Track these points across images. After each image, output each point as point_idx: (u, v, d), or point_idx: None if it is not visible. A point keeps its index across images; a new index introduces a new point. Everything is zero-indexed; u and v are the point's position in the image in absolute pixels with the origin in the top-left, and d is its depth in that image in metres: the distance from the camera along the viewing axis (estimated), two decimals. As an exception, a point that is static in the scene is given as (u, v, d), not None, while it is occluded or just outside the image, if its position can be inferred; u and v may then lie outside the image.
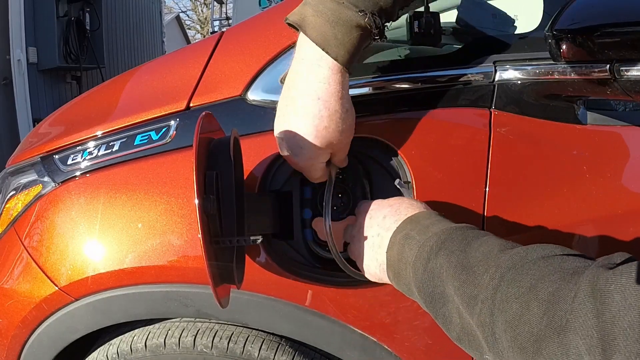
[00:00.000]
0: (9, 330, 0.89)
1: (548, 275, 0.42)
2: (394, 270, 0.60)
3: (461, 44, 0.84)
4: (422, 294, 0.55)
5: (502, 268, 0.46)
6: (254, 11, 4.42)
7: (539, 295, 0.41)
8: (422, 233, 0.57)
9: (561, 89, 0.76)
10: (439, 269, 0.53)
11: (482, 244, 0.52)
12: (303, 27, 0.61)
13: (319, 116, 0.62)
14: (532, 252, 0.47)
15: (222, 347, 0.82)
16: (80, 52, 5.17)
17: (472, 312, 0.47)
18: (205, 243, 0.57)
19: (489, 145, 0.75)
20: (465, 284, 0.49)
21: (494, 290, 0.45)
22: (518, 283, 0.43)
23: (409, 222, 0.61)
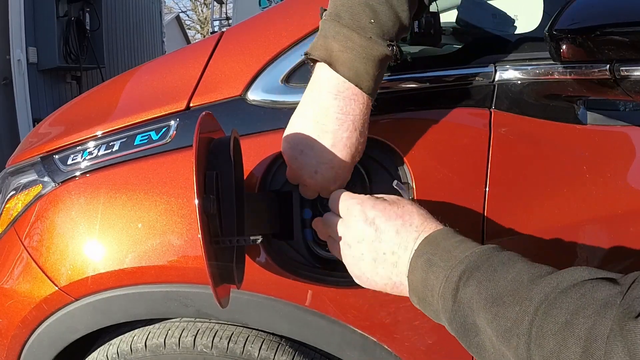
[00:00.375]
0: (9, 330, 0.89)
1: (582, 309, 0.42)
2: (418, 295, 0.58)
3: (461, 44, 0.84)
4: (454, 325, 0.54)
5: (535, 301, 0.46)
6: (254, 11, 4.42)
7: (575, 332, 0.41)
8: (446, 260, 0.55)
9: (561, 89, 0.76)
10: (469, 299, 0.51)
11: (509, 271, 0.51)
12: (332, 64, 0.62)
13: (355, 145, 0.66)
14: (562, 280, 0.46)
15: (222, 347, 0.82)
16: (80, 52, 5.17)
17: (509, 345, 0.47)
18: (205, 243, 0.57)
19: (489, 145, 0.75)
20: (497, 317, 0.48)
21: (529, 324, 0.45)
22: (553, 318, 0.43)
23: (427, 244, 0.58)
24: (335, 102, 0.63)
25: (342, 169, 0.67)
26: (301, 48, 0.79)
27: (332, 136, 0.65)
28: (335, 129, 0.64)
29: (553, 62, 0.72)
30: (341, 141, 0.65)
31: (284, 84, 0.79)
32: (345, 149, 0.65)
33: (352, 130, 0.64)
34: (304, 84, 0.78)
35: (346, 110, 0.64)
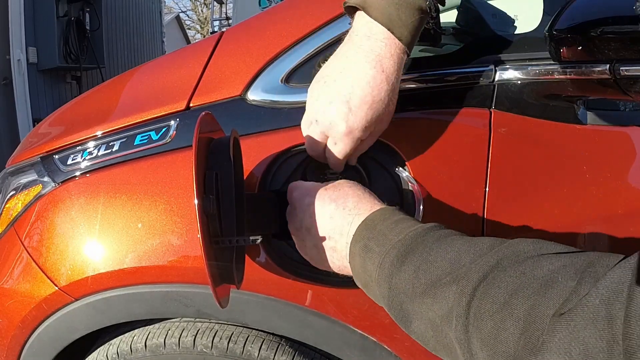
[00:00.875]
0: (9, 330, 0.89)
1: (522, 288, 0.41)
2: (361, 281, 0.59)
3: (461, 44, 0.84)
4: (392, 311, 0.54)
5: (473, 281, 0.44)
6: (254, 11, 4.42)
7: (513, 313, 0.40)
8: (381, 244, 0.55)
9: (561, 89, 0.76)
10: (404, 285, 0.50)
11: (448, 250, 0.49)
12: (366, 9, 0.62)
13: (379, 87, 0.62)
14: (503, 258, 0.45)
15: (222, 347, 0.82)
16: (80, 52, 5.17)
17: (450, 327, 0.46)
18: (205, 243, 0.57)
19: (489, 145, 0.75)
20: (437, 299, 0.47)
21: (467, 305, 0.43)
22: (492, 298, 0.42)
23: (364, 228, 0.58)
24: (367, 42, 0.62)
25: (357, 109, 0.62)
26: (301, 48, 0.79)
27: (356, 70, 0.62)
28: (362, 65, 0.62)
29: (553, 62, 0.72)
30: (364, 78, 0.62)
31: (284, 84, 0.79)
32: (367, 87, 0.61)
33: (380, 71, 0.62)
34: (304, 84, 0.78)
35: (376, 50, 0.62)
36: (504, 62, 0.76)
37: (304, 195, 0.65)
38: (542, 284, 0.40)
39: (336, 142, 0.65)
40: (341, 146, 0.65)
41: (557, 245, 0.45)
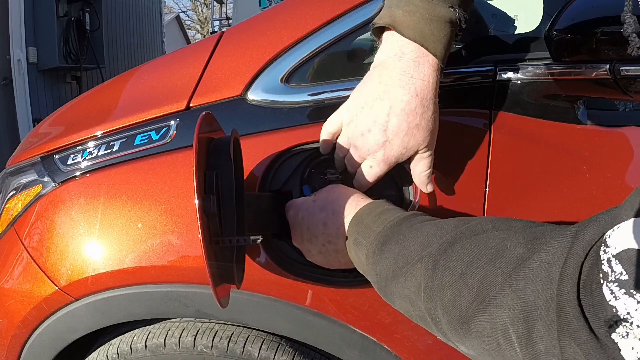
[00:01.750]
0: (9, 330, 0.89)
1: (476, 259, 0.45)
2: (361, 270, 0.64)
3: (461, 44, 0.84)
4: (380, 292, 0.59)
5: (433, 256, 0.49)
6: (254, 11, 4.42)
7: (468, 283, 0.44)
8: (366, 236, 0.60)
9: (561, 89, 0.76)
10: (386, 270, 0.56)
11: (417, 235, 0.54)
12: (397, 27, 0.62)
13: (414, 112, 0.62)
14: (461, 233, 0.49)
15: (222, 347, 0.82)
16: (80, 52, 5.17)
17: (419, 298, 0.51)
18: (205, 243, 0.57)
19: (489, 145, 0.75)
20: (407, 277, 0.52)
21: (431, 279, 0.48)
22: (450, 270, 0.47)
23: (354, 223, 0.63)
24: (399, 64, 0.62)
25: (394, 135, 0.63)
26: (301, 48, 0.79)
27: (392, 97, 0.63)
28: (396, 92, 0.62)
29: (553, 62, 0.72)
30: (399, 105, 0.62)
31: (284, 83, 0.79)
32: (403, 114, 0.62)
33: (414, 96, 0.62)
34: (304, 84, 0.79)
35: (410, 73, 0.62)
36: (504, 62, 0.76)
37: (297, 212, 0.70)
38: (494, 253, 0.44)
39: (372, 166, 0.68)
40: (376, 170, 0.68)
41: (518, 220, 0.48)
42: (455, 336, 0.47)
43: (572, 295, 0.34)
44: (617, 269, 0.31)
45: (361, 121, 0.65)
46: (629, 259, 0.31)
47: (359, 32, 0.79)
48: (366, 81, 0.66)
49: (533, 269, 0.38)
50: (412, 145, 0.64)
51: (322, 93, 0.78)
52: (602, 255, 0.32)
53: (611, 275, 0.31)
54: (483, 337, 0.43)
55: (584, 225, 0.37)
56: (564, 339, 0.34)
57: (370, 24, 0.66)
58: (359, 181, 0.70)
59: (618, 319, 0.30)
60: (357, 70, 0.78)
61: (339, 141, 0.70)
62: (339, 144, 0.70)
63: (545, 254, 0.38)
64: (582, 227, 0.37)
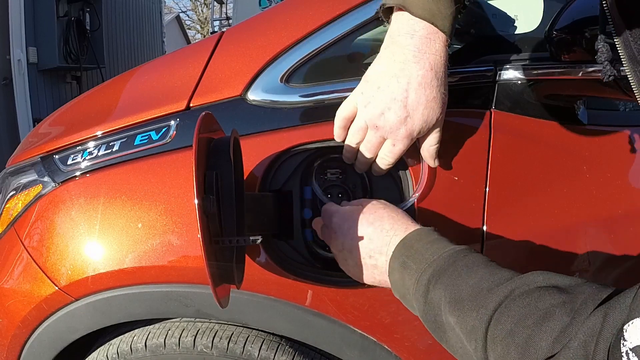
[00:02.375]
0: (9, 330, 0.89)
1: (524, 318, 0.48)
2: (399, 293, 0.65)
3: (461, 44, 0.84)
4: (426, 322, 0.60)
5: (489, 309, 0.51)
6: (254, 11, 4.42)
7: (515, 340, 0.47)
8: (418, 262, 0.61)
9: (561, 89, 0.76)
10: (438, 300, 0.57)
11: (471, 276, 0.56)
12: (407, 7, 0.64)
13: (431, 85, 0.64)
14: (515, 288, 0.51)
15: (222, 347, 0.82)
16: (80, 52, 5.17)
17: (470, 345, 0.53)
18: (205, 243, 0.57)
19: (489, 145, 0.75)
20: (459, 320, 0.54)
21: (485, 330, 0.51)
22: (502, 325, 0.49)
23: (402, 247, 0.64)
24: (412, 41, 0.64)
25: (414, 109, 0.65)
26: (301, 48, 0.79)
27: (407, 74, 0.64)
28: (411, 67, 0.64)
29: (553, 62, 0.72)
30: (416, 79, 0.64)
31: (284, 83, 0.79)
32: (420, 88, 0.64)
33: (429, 70, 0.64)
34: (304, 84, 0.79)
35: (422, 48, 0.64)
36: (504, 62, 0.76)
37: (344, 221, 0.69)
38: (541, 316, 0.47)
39: (395, 144, 0.68)
40: (399, 147, 0.68)
41: (566, 278, 0.51)
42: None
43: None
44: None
45: (379, 100, 0.66)
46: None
47: (359, 32, 0.79)
48: (379, 62, 0.67)
49: (573, 348, 0.42)
50: (431, 118, 0.66)
51: (322, 93, 0.78)
52: (622, 347, 0.38)
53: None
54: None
55: (612, 307, 0.42)
56: None
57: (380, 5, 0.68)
58: (382, 162, 0.70)
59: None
60: (357, 71, 0.78)
61: (356, 125, 0.69)
62: (355, 128, 0.70)
63: (582, 334, 0.42)
64: (610, 309, 0.42)
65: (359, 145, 0.71)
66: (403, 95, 0.64)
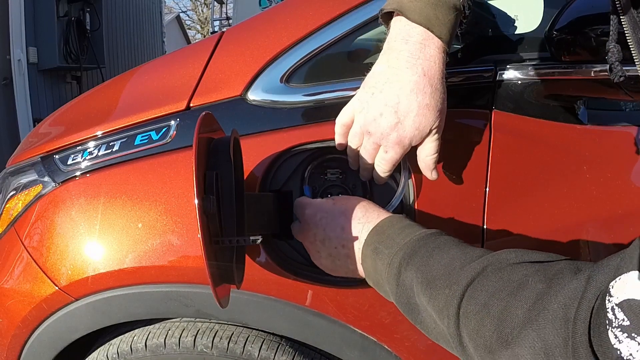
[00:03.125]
0: (9, 330, 0.89)
1: (498, 291, 0.48)
2: (373, 280, 0.65)
3: (461, 44, 0.84)
4: (400, 305, 0.61)
5: (462, 285, 0.51)
6: (254, 11, 4.42)
7: (490, 312, 0.47)
8: (389, 246, 0.62)
9: (561, 89, 0.76)
10: (410, 282, 0.58)
11: (443, 256, 0.56)
12: (404, 12, 0.64)
13: (423, 92, 0.63)
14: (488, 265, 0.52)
15: (222, 347, 0.82)
16: (80, 52, 5.17)
17: (443, 323, 0.53)
18: (205, 243, 0.57)
19: (489, 145, 0.75)
20: (432, 299, 0.54)
21: (457, 307, 0.51)
22: (475, 300, 0.50)
23: (375, 233, 0.64)
24: (406, 46, 0.64)
25: (405, 115, 0.64)
26: (301, 48, 0.79)
27: (400, 79, 0.64)
28: (404, 73, 0.64)
29: (553, 62, 0.72)
30: (408, 85, 0.64)
31: (284, 83, 0.79)
32: (412, 95, 0.63)
33: (422, 76, 0.63)
34: (304, 84, 0.79)
35: (416, 54, 0.63)
36: (504, 62, 0.76)
37: (316, 212, 0.70)
38: (516, 287, 0.47)
39: (387, 151, 0.67)
40: (391, 154, 0.67)
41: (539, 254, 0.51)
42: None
43: (584, 337, 0.38)
44: (620, 316, 0.35)
45: (372, 106, 0.66)
46: (630, 307, 0.35)
47: (359, 32, 0.79)
48: (376, 68, 0.67)
49: (552, 310, 0.42)
50: (424, 125, 0.65)
51: (322, 93, 0.78)
52: (607, 303, 0.37)
53: (615, 322, 0.36)
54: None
55: (596, 270, 0.41)
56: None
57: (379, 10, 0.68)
58: (378, 169, 0.70)
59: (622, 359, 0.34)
60: (357, 71, 0.78)
61: (352, 131, 0.70)
62: (352, 135, 0.70)
63: (562, 297, 0.42)
64: (594, 272, 0.41)
65: (358, 151, 0.71)
66: (394, 101, 0.64)
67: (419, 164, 0.70)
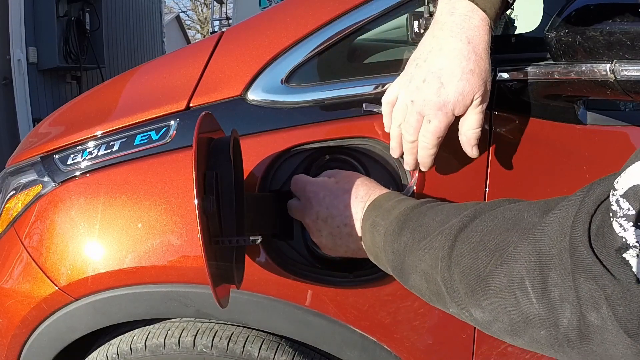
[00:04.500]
0: (8, 330, 0.89)
1: (494, 228, 0.48)
2: (372, 254, 0.66)
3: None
4: (395, 271, 0.62)
5: (454, 228, 0.52)
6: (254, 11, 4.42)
7: (486, 247, 0.47)
8: (385, 218, 0.63)
9: (561, 89, 0.75)
10: (404, 246, 0.59)
11: (437, 214, 0.57)
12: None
13: (467, 58, 0.63)
14: (480, 209, 0.52)
15: (222, 347, 0.82)
16: (80, 52, 5.17)
17: (436, 270, 0.53)
18: (204, 243, 0.57)
19: (489, 145, 0.75)
20: (426, 249, 0.55)
21: (450, 248, 0.51)
22: (469, 239, 0.50)
23: (372, 208, 0.66)
24: (451, 18, 0.64)
25: (448, 80, 0.63)
26: (301, 48, 0.79)
27: (444, 47, 0.64)
28: (448, 41, 0.64)
29: (553, 62, 0.72)
30: (452, 52, 0.63)
31: (284, 84, 0.79)
32: (456, 60, 0.63)
33: (466, 43, 0.63)
34: (304, 84, 0.79)
35: (461, 24, 0.63)
36: (504, 62, 0.76)
37: (319, 189, 0.71)
38: (511, 223, 0.47)
39: (430, 120, 0.65)
40: (435, 123, 0.65)
41: (537, 202, 0.50)
42: (472, 299, 0.48)
43: (584, 238, 0.36)
44: (625, 206, 0.34)
45: (416, 76, 0.65)
46: (635, 194, 0.33)
47: (360, 32, 0.79)
48: (421, 42, 0.67)
49: (548, 223, 0.41)
50: (467, 91, 0.64)
51: (322, 93, 0.78)
52: (611, 197, 0.35)
53: (620, 212, 0.34)
54: (500, 293, 0.44)
55: (595, 183, 0.40)
56: (579, 277, 0.36)
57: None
58: (422, 145, 0.67)
59: (628, 246, 0.33)
60: (357, 70, 0.78)
61: (396, 107, 0.68)
62: (396, 110, 0.68)
63: (559, 210, 0.41)
64: (593, 185, 0.40)
65: (401, 130, 0.69)
66: (438, 67, 0.64)
67: (460, 138, 0.68)
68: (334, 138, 0.76)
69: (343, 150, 0.78)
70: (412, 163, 0.71)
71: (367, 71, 0.79)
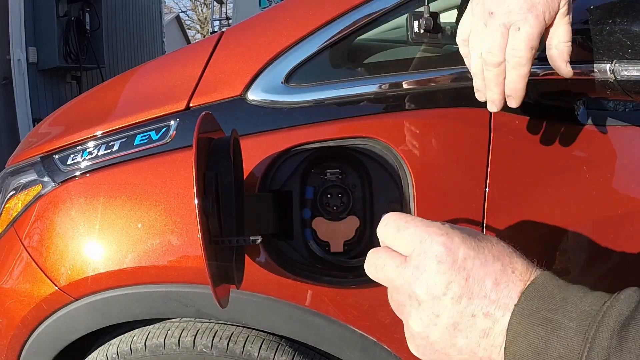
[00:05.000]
0: (8, 330, 0.89)
1: None
2: None
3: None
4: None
5: None
6: (254, 11, 4.42)
7: None
8: (575, 318, 0.38)
9: (561, 89, 0.76)
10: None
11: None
12: None
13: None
14: None
15: (221, 347, 0.82)
16: (80, 52, 5.17)
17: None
18: (204, 243, 0.57)
19: (489, 145, 0.75)
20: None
21: None
22: None
23: (537, 296, 0.39)
24: None
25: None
26: (301, 48, 0.79)
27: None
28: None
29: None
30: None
31: (284, 84, 0.79)
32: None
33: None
34: (304, 84, 0.79)
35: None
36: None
37: (449, 244, 0.41)
38: None
39: (520, 27, 0.55)
40: (526, 28, 0.55)
41: None
42: None
43: None
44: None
45: None
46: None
47: (360, 32, 0.79)
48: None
49: None
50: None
51: (322, 93, 0.78)
52: None
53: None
54: None
55: None
56: None
57: None
58: (511, 64, 0.57)
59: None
60: (357, 71, 0.78)
61: (474, 32, 0.59)
62: (474, 36, 0.59)
63: None
64: None
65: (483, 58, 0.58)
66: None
67: (549, 54, 0.59)
68: (334, 138, 0.76)
69: (343, 150, 0.78)
70: (499, 98, 0.59)
71: (367, 71, 0.79)
